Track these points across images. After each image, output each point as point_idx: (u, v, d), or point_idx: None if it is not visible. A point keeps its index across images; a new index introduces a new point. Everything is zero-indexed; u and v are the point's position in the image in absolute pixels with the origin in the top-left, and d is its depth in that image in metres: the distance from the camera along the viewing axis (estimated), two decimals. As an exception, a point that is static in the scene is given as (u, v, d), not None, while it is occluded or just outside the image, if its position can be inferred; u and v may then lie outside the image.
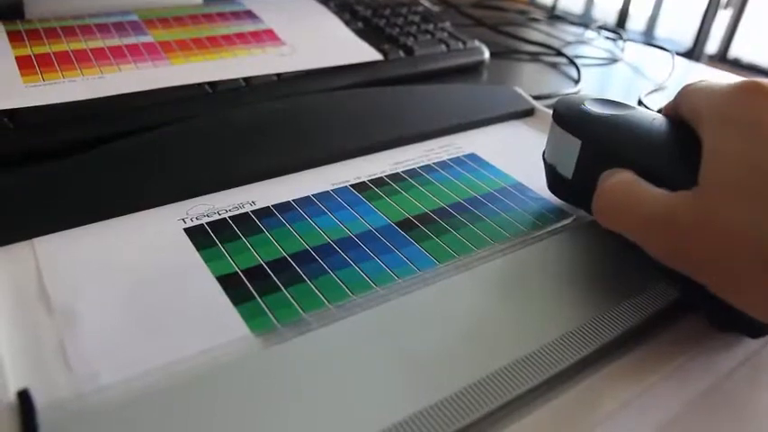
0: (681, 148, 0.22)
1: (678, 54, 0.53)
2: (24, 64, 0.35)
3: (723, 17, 1.59)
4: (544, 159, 0.28)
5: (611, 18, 1.77)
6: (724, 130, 0.20)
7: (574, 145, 0.25)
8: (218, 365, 0.18)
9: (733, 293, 0.19)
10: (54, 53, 0.36)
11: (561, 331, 0.21)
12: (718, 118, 0.21)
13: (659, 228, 0.20)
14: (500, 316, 0.21)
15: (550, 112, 0.37)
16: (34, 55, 0.36)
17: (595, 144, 0.24)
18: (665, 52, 0.54)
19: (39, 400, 0.16)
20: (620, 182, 0.22)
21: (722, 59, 1.49)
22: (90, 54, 0.37)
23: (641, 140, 0.23)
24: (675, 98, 0.24)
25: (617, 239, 0.22)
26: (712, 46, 1.58)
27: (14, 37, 0.38)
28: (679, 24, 1.75)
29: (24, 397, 0.16)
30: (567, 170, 0.26)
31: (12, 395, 0.17)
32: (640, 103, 0.43)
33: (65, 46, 0.37)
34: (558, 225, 0.27)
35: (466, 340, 0.20)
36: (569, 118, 0.26)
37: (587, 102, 0.26)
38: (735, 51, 1.57)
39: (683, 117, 0.23)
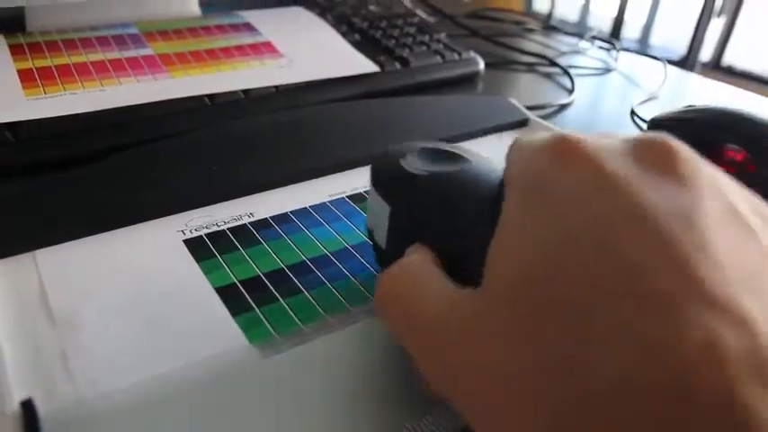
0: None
1: (672, 62, 0.54)
2: (26, 77, 0.35)
3: (717, 25, 1.60)
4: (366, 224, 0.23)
5: (607, 26, 1.78)
6: (519, 203, 0.15)
7: (384, 210, 0.20)
8: (217, 374, 0.19)
9: None
10: (55, 66, 0.37)
11: None
12: (518, 186, 0.16)
13: (424, 337, 0.15)
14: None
15: (545, 122, 0.38)
16: (36, 68, 0.36)
17: (402, 211, 0.20)
18: (658, 61, 0.55)
19: (42, 409, 0.17)
20: (404, 265, 0.17)
21: (716, 67, 1.51)
22: (91, 67, 0.37)
23: (451, 210, 0.18)
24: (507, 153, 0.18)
25: None
26: (706, 53, 1.59)
27: (16, 50, 0.38)
28: (674, 32, 1.77)
29: (28, 407, 0.17)
30: (382, 239, 0.21)
31: (15, 405, 0.17)
32: (633, 113, 0.44)
33: (66, 59, 0.38)
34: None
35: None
36: (382, 177, 0.21)
37: (411, 155, 0.21)
38: (729, 59, 1.58)
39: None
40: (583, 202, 0.14)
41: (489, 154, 0.35)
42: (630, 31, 1.85)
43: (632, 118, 0.43)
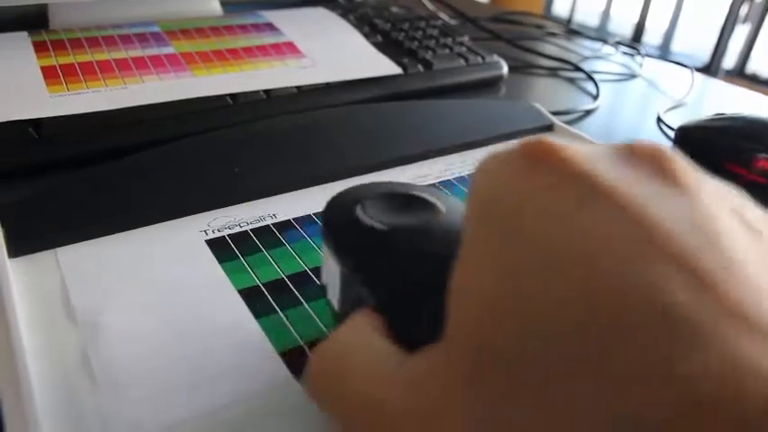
0: None
1: (695, 69, 0.53)
2: (49, 74, 0.35)
3: (741, 32, 1.58)
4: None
5: (627, 32, 1.77)
6: (479, 227, 0.12)
7: (335, 269, 0.17)
8: (260, 416, 0.18)
9: None
10: (78, 63, 0.37)
11: None
12: (479, 206, 0.13)
13: (362, 418, 0.12)
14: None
15: (569, 128, 0.37)
16: (59, 65, 0.36)
17: (355, 272, 0.16)
18: (683, 68, 0.54)
19: (62, 412, 0.16)
20: (337, 337, 0.14)
21: (740, 74, 1.48)
22: (113, 65, 0.37)
23: (412, 273, 0.15)
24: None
25: None
26: (730, 61, 1.57)
27: (40, 47, 0.38)
28: (695, 39, 1.75)
29: None
30: (335, 300, 0.18)
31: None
32: (659, 120, 0.43)
33: (89, 56, 0.38)
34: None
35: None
36: (333, 229, 0.17)
37: (370, 202, 0.17)
38: (753, 66, 1.56)
39: None
40: (564, 217, 0.11)
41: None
42: (651, 37, 1.83)
43: (659, 125, 0.43)
